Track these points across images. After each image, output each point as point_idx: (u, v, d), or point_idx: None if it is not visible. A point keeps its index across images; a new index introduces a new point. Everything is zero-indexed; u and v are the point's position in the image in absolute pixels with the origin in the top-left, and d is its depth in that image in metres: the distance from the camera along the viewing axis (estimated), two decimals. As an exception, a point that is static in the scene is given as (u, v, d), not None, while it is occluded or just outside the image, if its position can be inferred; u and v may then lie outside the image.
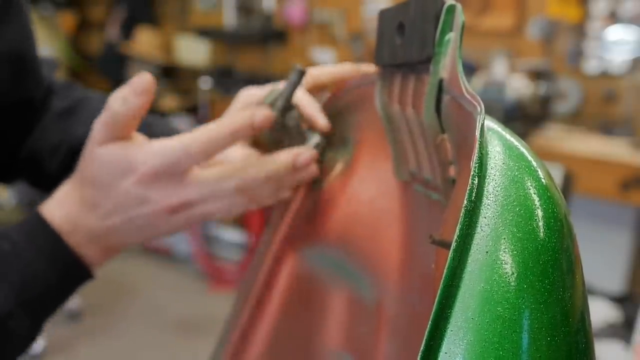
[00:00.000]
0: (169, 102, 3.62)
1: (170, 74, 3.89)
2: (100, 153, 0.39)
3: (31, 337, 0.41)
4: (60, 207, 0.41)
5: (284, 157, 0.41)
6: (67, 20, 4.26)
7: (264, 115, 0.40)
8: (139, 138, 0.40)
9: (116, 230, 0.40)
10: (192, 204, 0.39)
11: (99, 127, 0.39)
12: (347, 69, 0.46)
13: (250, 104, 0.47)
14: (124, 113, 0.38)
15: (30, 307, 0.39)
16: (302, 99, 0.44)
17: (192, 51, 3.63)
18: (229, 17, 3.56)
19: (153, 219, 0.40)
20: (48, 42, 3.90)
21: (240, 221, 2.97)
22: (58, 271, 0.40)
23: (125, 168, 0.38)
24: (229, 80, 3.37)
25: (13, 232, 0.40)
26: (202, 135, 0.39)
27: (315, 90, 0.47)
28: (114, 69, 3.78)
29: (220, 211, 0.40)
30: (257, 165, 0.40)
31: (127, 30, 3.73)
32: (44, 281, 0.40)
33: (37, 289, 0.39)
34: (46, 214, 0.41)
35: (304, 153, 0.41)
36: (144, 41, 3.62)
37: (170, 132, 0.55)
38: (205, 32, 3.53)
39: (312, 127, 0.44)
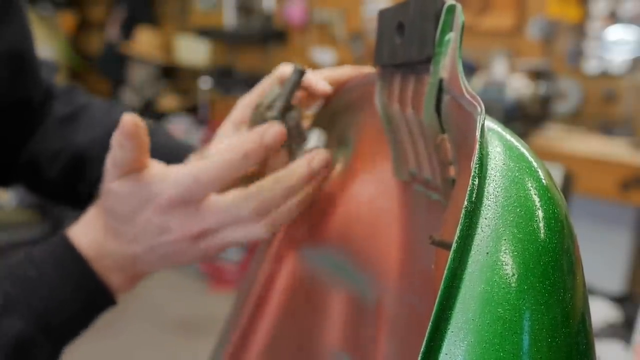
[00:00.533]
0: (169, 102, 3.63)
1: (170, 74, 3.89)
2: (115, 188, 0.38)
3: None
4: (86, 233, 0.41)
5: (298, 169, 0.39)
6: (67, 20, 4.26)
7: (273, 132, 0.38)
8: (154, 166, 0.39)
9: (140, 258, 0.40)
10: (211, 232, 0.39)
11: (108, 166, 0.39)
12: (344, 72, 0.46)
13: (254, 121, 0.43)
14: (126, 156, 0.37)
15: (53, 333, 0.39)
16: (308, 78, 0.42)
17: (192, 51, 3.63)
18: (229, 17, 3.56)
19: (176, 246, 0.39)
20: (48, 42, 3.90)
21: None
22: (83, 298, 0.40)
23: (142, 198, 0.38)
24: (229, 80, 3.37)
25: (38, 256, 0.40)
26: (212, 163, 0.38)
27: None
28: (114, 69, 3.78)
29: (241, 238, 0.39)
30: (273, 184, 0.38)
31: (127, 30, 3.73)
32: (69, 308, 0.39)
33: (61, 316, 0.39)
34: (73, 239, 0.40)
35: (316, 157, 0.39)
36: (144, 41, 3.62)
37: (170, 141, 0.54)
38: (205, 32, 3.54)
39: (313, 95, 0.42)
